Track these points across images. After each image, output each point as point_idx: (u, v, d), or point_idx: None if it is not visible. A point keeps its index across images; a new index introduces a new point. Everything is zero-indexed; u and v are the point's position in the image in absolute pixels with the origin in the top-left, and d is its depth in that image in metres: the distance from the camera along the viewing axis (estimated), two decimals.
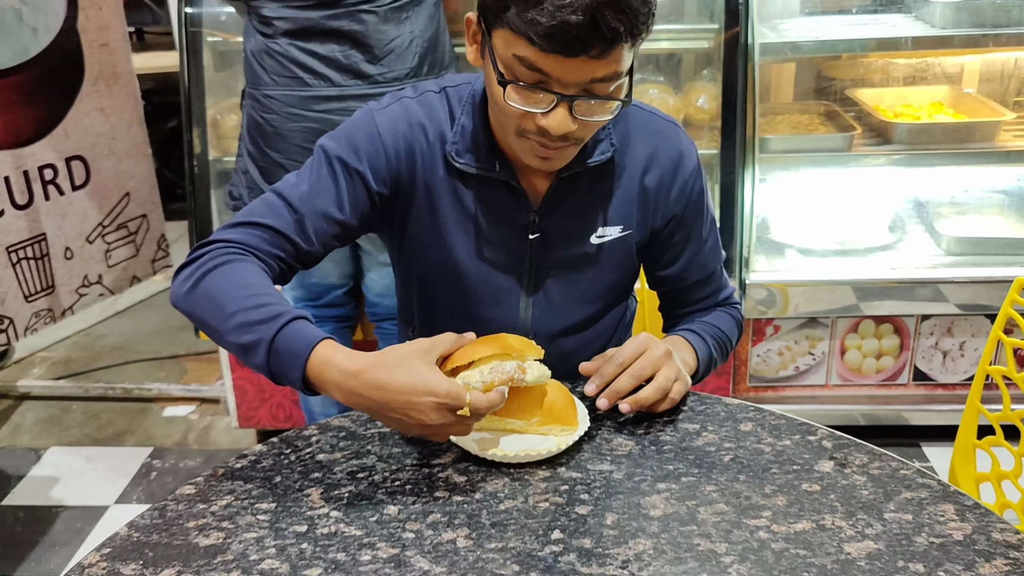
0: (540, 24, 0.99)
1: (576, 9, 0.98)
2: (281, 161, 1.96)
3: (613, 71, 1.05)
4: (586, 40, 1.00)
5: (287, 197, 1.20)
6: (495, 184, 1.25)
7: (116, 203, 3.54)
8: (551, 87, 1.06)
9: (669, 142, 1.29)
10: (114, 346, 3.40)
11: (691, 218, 1.33)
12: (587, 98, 1.07)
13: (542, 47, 1.01)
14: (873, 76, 2.76)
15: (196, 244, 1.17)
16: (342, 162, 1.21)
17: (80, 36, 3.30)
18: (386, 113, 1.24)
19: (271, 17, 1.91)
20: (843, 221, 2.55)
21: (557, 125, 1.07)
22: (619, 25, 0.99)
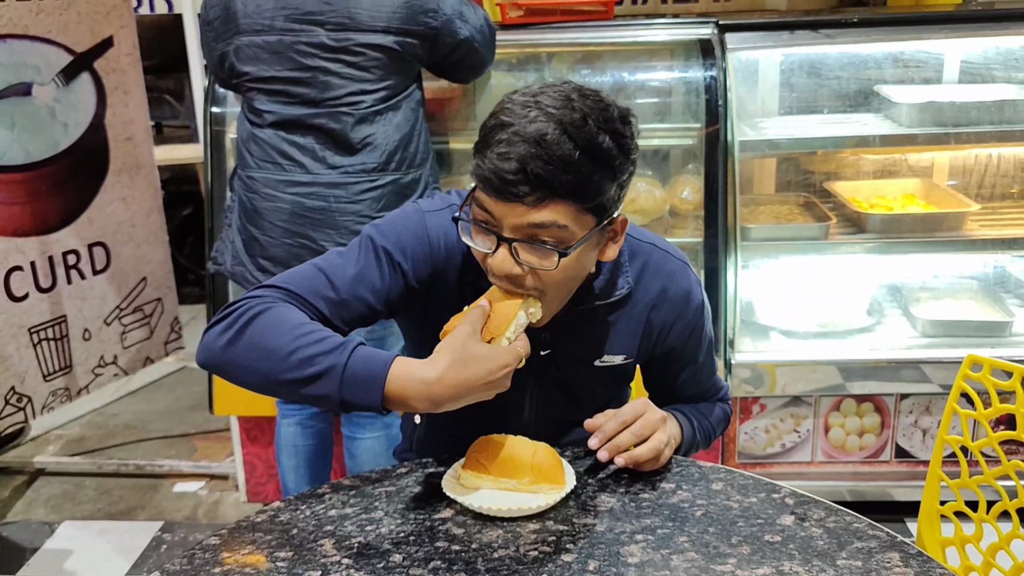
0: (482, 170, 1.13)
1: (510, 158, 1.10)
2: (257, 236, 2.14)
3: (551, 221, 1.12)
4: (518, 186, 1.10)
5: (331, 277, 1.26)
6: None
7: (133, 287, 3.70)
8: (493, 228, 1.16)
9: (679, 284, 1.40)
10: (127, 424, 3.51)
11: (690, 350, 1.46)
12: (524, 242, 1.15)
13: (484, 190, 1.14)
14: (848, 170, 2.96)
15: (225, 305, 1.21)
16: (388, 255, 1.29)
17: (107, 130, 3.52)
18: (438, 216, 1.32)
19: (261, 109, 2.12)
20: (823, 305, 2.69)
21: (498, 264, 1.17)
22: (546, 175, 1.09)
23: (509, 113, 1.13)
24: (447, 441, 1.41)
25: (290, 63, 2.07)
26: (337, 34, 2.05)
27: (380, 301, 1.29)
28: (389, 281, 1.29)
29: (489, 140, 1.13)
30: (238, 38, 2.10)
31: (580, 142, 1.10)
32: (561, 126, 1.10)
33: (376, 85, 2.10)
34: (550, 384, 1.43)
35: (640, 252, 1.38)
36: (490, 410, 1.35)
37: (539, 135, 1.09)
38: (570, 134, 1.10)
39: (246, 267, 2.18)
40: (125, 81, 3.58)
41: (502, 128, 1.12)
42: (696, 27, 2.53)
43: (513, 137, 1.10)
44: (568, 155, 1.09)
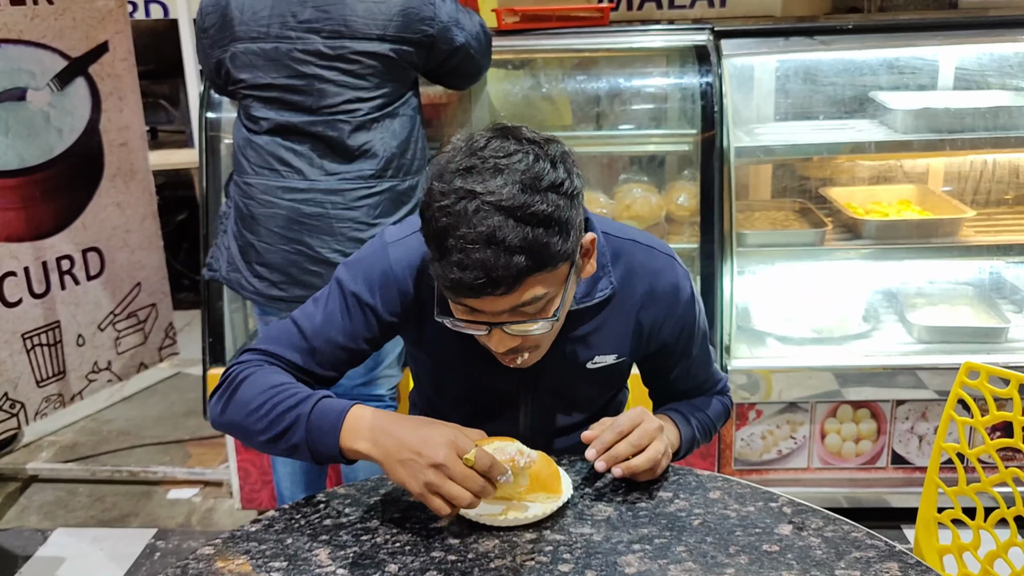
0: (448, 281, 1.12)
1: (469, 267, 1.08)
2: (254, 242, 2.13)
3: (530, 297, 1.13)
4: (485, 287, 1.09)
5: (302, 328, 1.34)
6: None
7: (128, 292, 3.69)
8: (478, 318, 1.17)
9: (666, 279, 1.39)
10: (120, 431, 3.49)
11: (683, 344, 1.45)
12: (513, 322, 1.16)
13: (455, 298, 1.15)
14: (843, 176, 2.96)
15: (224, 373, 1.32)
16: (356, 297, 1.33)
17: (102, 136, 3.51)
18: (400, 247, 1.34)
19: (258, 116, 2.11)
20: (819, 311, 2.69)
21: (498, 344, 1.20)
22: (513, 267, 1.08)
23: (450, 213, 1.09)
24: None
25: (286, 70, 2.06)
26: (333, 42, 2.04)
27: (355, 342, 1.35)
28: (359, 323, 1.34)
29: (441, 246, 1.11)
30: (234, 45, 2.10)
31: (530, 221, 1.09)
32: (507, 213, 1.08)
33: (372, 92, 2.09)
34: (543, 391, 1.43)
35: (623, 251, 1.37)
36: (487, 420, 1.39)
37: (491, 235, 1.07)
38: (519, 218, 1.08)
39: (242, 273, 2.17)
40: (120, 86, 3.57)
41: (450, 233, 1.09)
42: (691, 33, 2.53)
43: (466, 244, 1.08)
44: (523, 241, 1.08)
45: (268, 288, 2.14)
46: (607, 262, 1.35)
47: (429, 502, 1.16)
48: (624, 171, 2.78)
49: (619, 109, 2.72)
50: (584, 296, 1.34)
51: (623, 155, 2.79)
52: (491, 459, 1.16)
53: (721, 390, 1.56)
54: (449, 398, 1.48)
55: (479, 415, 1.42)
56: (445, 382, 1.47)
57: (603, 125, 2.74)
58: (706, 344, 1.50)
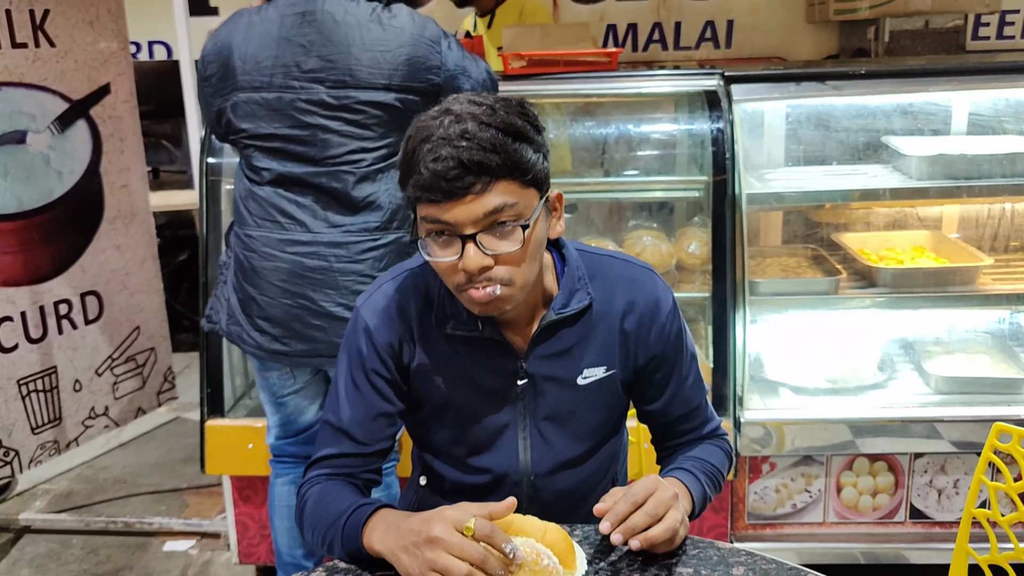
0: (422, 182, 1.18)
1: (443, 159, 1.16)
2: (255, 295, 2.07)
3: (501, 202, 1.19)
4: (462, 179, 1.16)
5: (333, 423, 1.40)
6: (482, 341, 1.37)
7: (126, 336, 3.63)
8: (455, 232, 1.21)
9: (645, 289, 1.40)
10: (116, 479, 3.42)
11: (671, 356, 1.43)
12: (487, 231, 1.21)
13: (431, 199, 1.18)
14: (855, 222, 2.91)
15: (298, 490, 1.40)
16: (362, 373, 1.39)
17: (102, 178, 3.47)
18: (370, 305, 1.40)
19: (259, 167, 2.06)
20: (834, 360, 2.63)
21: (470, 261, 1.21)
22: (482, 159, 1.16)
23: (424, 130, 1.20)
24: (449, 500, 1.38)
25: (289, 120, 2.02)
26: (337, 91, 2.00)
27: (385, 407, 1.40)
28: (377, 392, 1.39)
29: (415, 158, 1.19)
30: (236, 94, 2.06)
31: (498, 126, 1.19)
32: (476, 120, 1.19)
33: (377, 143, 2.05)
34: (539, 418, 1.40)
35: (600, 265, 1.40)
36: (487, 455, 1.41)
37: (462, 132, 1.17)
38: (487, 122, 1.19)
39: (242, 327, 2.11)
40: (121, 128, 3.54)
41: (424, 142, 1.18)
42: (701, 78, 2.49)
43: (439, 143, 1.17)
44: (493, 138, 1.17)
45: (269, 342, 2.07)
46: (583, 275, 1.38)
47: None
48: (633, 217, 2.73)
49: (627, 154, 2.68)
50: (562, 307, 1.36)
51: (631, 201, 2.74)
52: (491, 528, 1.13)
53: (718, 432, 1.51)
54: (445, 438, 1.44)
55: (476, 452, 1.41)
56: (439, 421, 1.44)
57: (611, 171, 2.70)
58: (696, 367, 1.47)
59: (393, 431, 1.43)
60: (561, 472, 1.44)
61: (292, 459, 2.26)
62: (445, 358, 1.38)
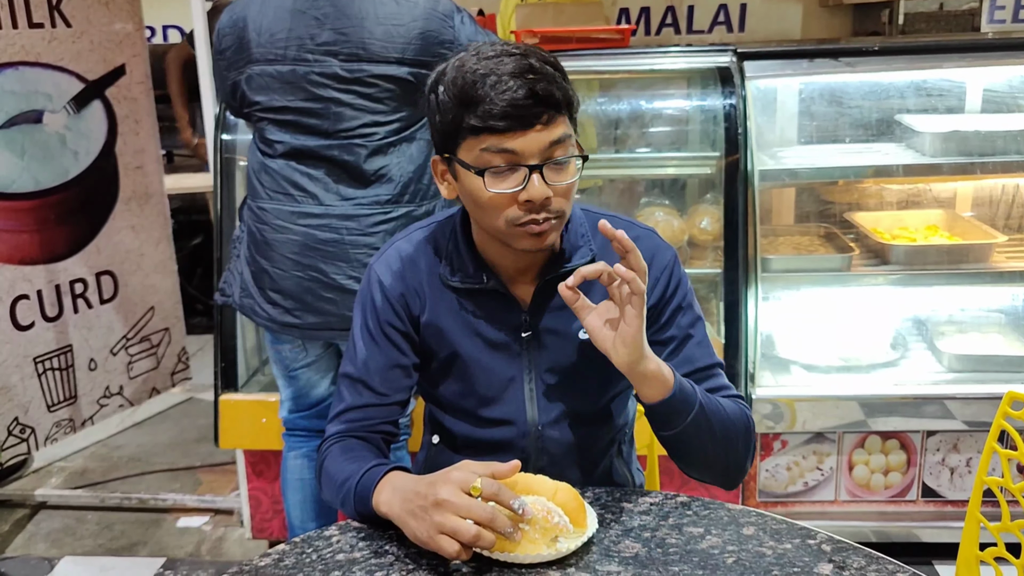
0: (495, 111, 1.21)
1: (516, 88, 1.20)
2: (267, 268, 2.09)
3: (562, 133, 1.25)
4: (534, 108, 1.21)
5: (352, 374, 1.43)
6: (488, 294, 1.40)
7: (141, 317, 3.66)
8: (520, 162, 1.24)
9: (643, 246, 1.36)
10: (131, 457, 3.45)
11: (669, 308, 1.41)
12: (552, 162, 1.25)
13: (502, 128, 1.21)
14: (868, 200, 2.90)
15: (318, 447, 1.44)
16: (376, 323, 1.42)
17: (117, 159, 3.50)
18: (383, 261, 1.45)
19: (273, 140, 2.07)
20: (846, 338, 2.63)
21: (538, 192, 1.24)
22: (554, 92, 1.22)
23: (475, 71, 1.23)
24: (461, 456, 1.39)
25: (303, 93, 2.03)
26: (350, 65, 2.01)
27: (400, 359, 1.42)
28: (391, 345, 1.42)
29: (475, 93, 1.22)
30: (250, 67, 2.07)
31: (552, 64, 1.25)
32: (537, 57, 1.24)
33: (390, 116, 2.05)
34: (542, 369, 1.42)
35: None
36: (496, 407, 1.43)
37: (528, 66, 1.22)
38: (544, 59, 1.25)
39: (255, 299, 2.12)
40: (136, 109, 3.56)
41: (484, 79, 1.22)
42: (714, 55, 2.48)
43: (504, 79, 1.21)
44: (552, 74, 1.24)
45: (281, 315, 2.09)
46: (586, 231, 1.42)
47: (439, 545, 1.11)
48: (645, 194, 2.73)
49: (640, 132, 2.68)
50: (566, 261, 1.39)
51: (644, 178, 2.74)
52: (497, 486, 1.13)
53: (735, 396, 1.42)
54: (455, 391, 1.46)
55: (485, 404, 1.43)
56: (448, 374, 1.46)
57: (623, 148, 2.70)
58: (703, 329, 1.44)
59: (409, 383, 1.45)
60: (565, 423, 1.44)
61: (305, 433, 2.28)
62: (453, 311, 1.41)
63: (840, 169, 2.49)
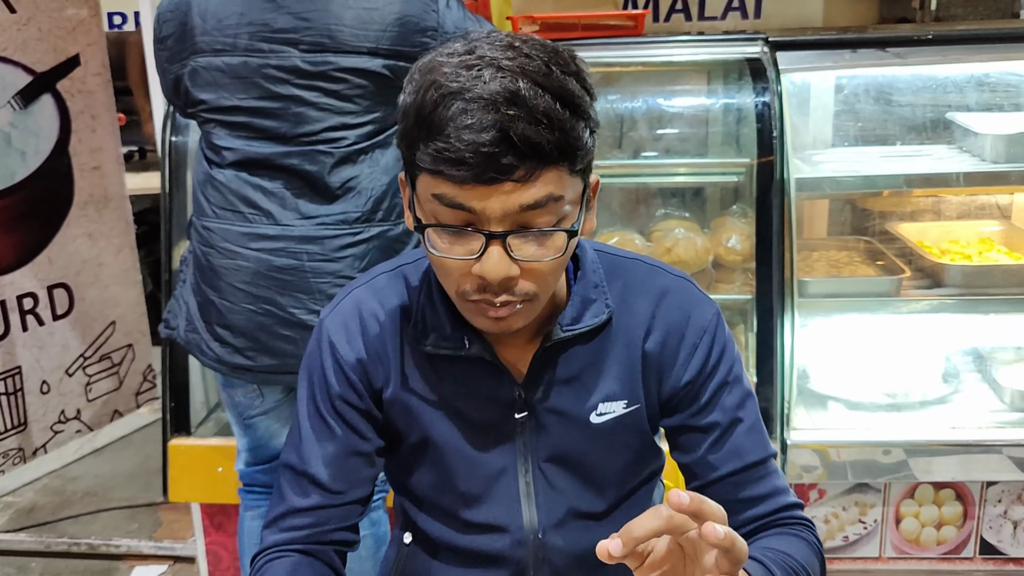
0: (448, 151, 0.85)
1: (483, 128, 0.84)
2: (214, 299, 1.75)
3: (547, 194, 0.88)
4: (502, 160, 0.85)
5: (298, 467, 1.10)
6: (471, 362, 1.07)
7: (100, 333, 3.33)
8: (478, 225, 0.89)
9: (674, 301, 1.08)
10: (86, 491, 3.12)
11: (711, 385, 1.07)
12: (522, 232, 0.90)
13: (456, 178, 0.86)
14: (913, 210, 2.56)
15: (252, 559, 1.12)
16: (327, 399, 1.09)
17: (71, 159, 3.16)
18: (336, 317, 1.11)
19: (220, 146, 1.73)
20: (893, 371, 2.29)
21: (493, 269, 0.90)
22: (538, 138, 0.85)
23: (449, 78, 0.87)
24: (441, 562, 1.15)
25: (256, 90, 1.69)
26: (314, 56, 1.67)
27: (359, 444, 1.10)
28: (348, 425, 1.10)
29: (437, 117, 0.86)
30: (194, 59, 1.73)
31: (555, 92, 0.87)
32: (529, 78, 0.86)
33: (361, 118, 1.71)
34: (542, 459, 1.10)
35: (620, 268, 1.11)
36: (482, 507, 1.11)
37: (510, 93, 0.85)
38: (543, 85, 0.86)
39: (200, 335, 1.79)
40: (93, 104, 3.21)
41: (452, 97, 0.86)
42: (741, 45, 2.14)
43: (474, 104, 0.85)
44: (549, 108, 0.86)
45: (231, 355, 1.75)
46: (601, 281, 1.08)
47: None
48: (661, 206, 2.38)
49: (654, 133, 2.34)
50: (573, 321, 1.06)
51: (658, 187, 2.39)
52: None
53: (797, 516, 1.09)
54: (429, 484, 1.14)
55: (468, 504, 1.11)
56: (421, 463, 1.13)
57: (634, 152, 2.36)
58: (754, 409, 1.10)
59: (371, 474, 1.12)
60: (574, 526, 1.12)
61: (264, 489, 1.95)
62: (426, 383, 1.09)
63: (888, 177, 2.14)
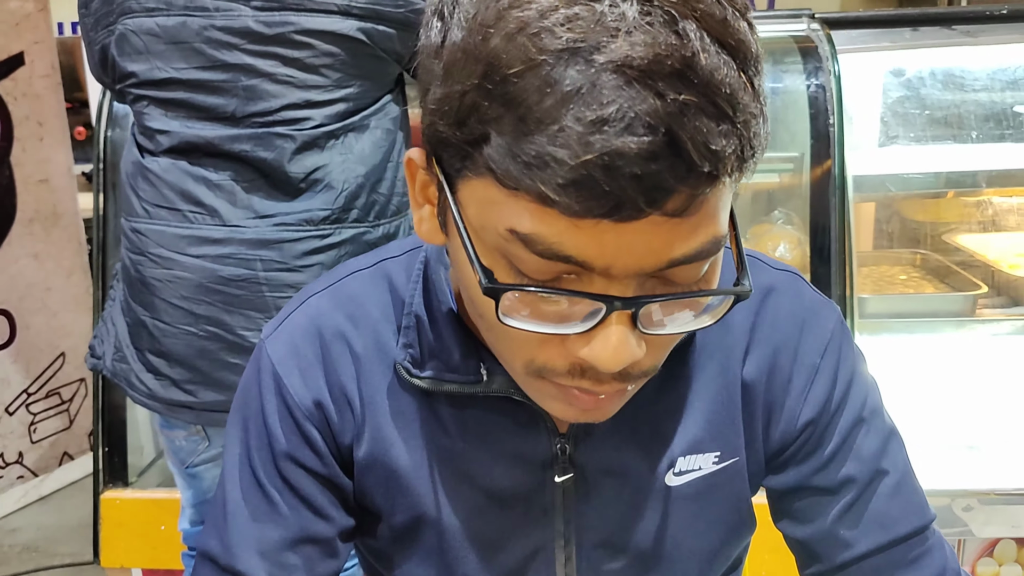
0: (560, 162, 0.46)
1: (637, 120, 0.45)
2: (146, 320, 1.40)
3: (711, 239, 0.52)
4: (662, 180, 0.47)
5: (221, 560, 0.73)
6: (490, 403, 0.71)
7: (47, 366, 2.97)
8: (592, 285, 0.52)
9: (781, 306, 0.74)
10: (26, 545, 2.74)
11: (839, 425, 0.74)
12: (669, 297, 0.53)
13: (570, 209, 0.48)
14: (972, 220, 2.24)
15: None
16: (268, 460, 0.73)
17: (13, 170, 2.82)
18: (283, 337, 0.74)
19: (154, 129, 1.39)
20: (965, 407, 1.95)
21: (612, 357, 0.53)
22: (724, 141, 0.47)
23: (553, 18, 0.46)
24: None
25: (197, 58, 1.36)
26: (270, 16, 1.34)
27: (325, 525, 0.74)
28: (305, 497, 0.73)
29: (534, 95, 0.47)
30: (122, 22, 1.40)
31: (736, 52, 0.48)
32: (699, 22, 0.47)
33: (329, 95, 1.38)
34: (593, 542, 0.75)
35: None
36: None
37: (678, 57, 0.46)
38: (720, 39, 0.48)
39: (130, 365, 1.44)
40: (40, 109, 2.88)
41: (565, 60, 0.46)
42: (784, 22, 1.84)
43: (611, 77, 0.46)
44: (736, 85, 0.47)
45: (166, 389, 1.40)
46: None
47: None
48: None
49: None
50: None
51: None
52: None
53: None
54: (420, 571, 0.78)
55: None
56: (412, 550, 0.77)
57: None
58: (899, 451, 0.76)
59: (330, 569, 0.75)
60: None
61: None
62: (421, 435, 0.73)
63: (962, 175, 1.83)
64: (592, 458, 0.72)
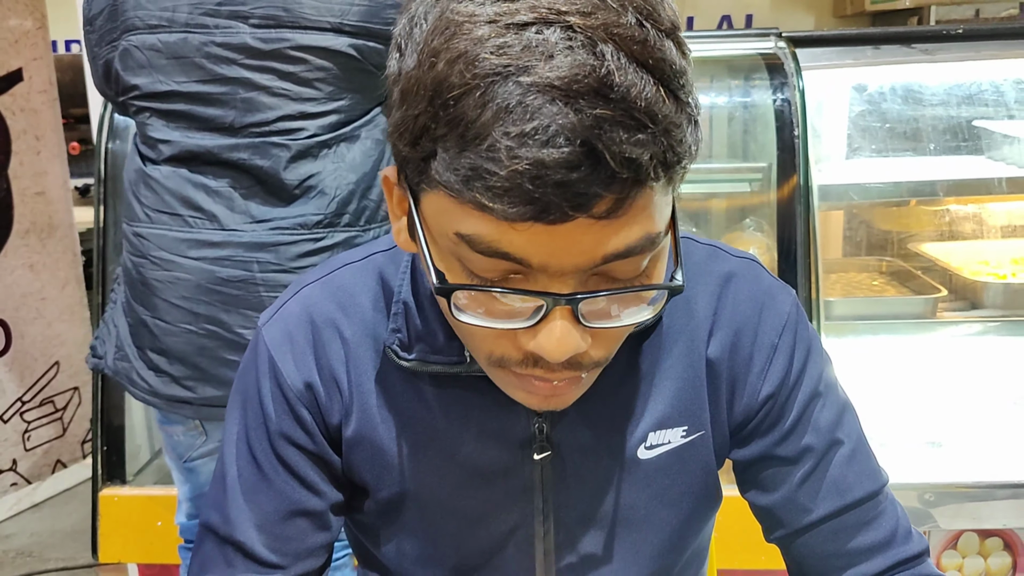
0: (493, 174, 0.53)
1: (557, 133, 0.51)
2: (147, 320, 1.48)
3: (642, 236, 0.57)
4: (582, 189, 0.53)
5: (222, 531, 0.81)
6: (472, 383, 0.77)
7: (42, 374, 3.02)
8: (535, 283, 0.59)
9: (741, 290, 0.81)
10: (20, 551, 2.79)
11: (797, 400, 0.81)
12: (602, 293, 0.59)
13: (504, 214, 0.54)
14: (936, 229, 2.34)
15: None
16: (264, 438, 0.80)
17: (11, 182, 2.88)
18: (278, 324, 0.81)
19: (156, 139, 1.47)
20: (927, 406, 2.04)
21: (557, 347, 0.59)
22: (638, 151, 0.53)
23: (489, 45, 0.53)
24: None
25: (197, 72, 1.44)
26: (267, 32, 1.43)
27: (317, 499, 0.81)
28: (299, 473, 0.81)
29: (471, 114, 0.53)
30: (126, 38, 1.48)
31: (654, 68, 0.53)
32: (618, 44, 0.53)
33: (322, 107, 1.47)
34: (569, 514, 0.81)
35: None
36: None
37: (595, 77, 0.52)
38: (637, 57, 0.53)
39: (131, 363, 1.51)
40: (38, 124, 2.95)
41: (496, 81, 0.52)
42: (753, 40, 1.94)
43: (536, 96, 0.52)
44: (652, 99, 0.53)
45: (167, 385, 1.48)
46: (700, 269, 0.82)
47: None
48: None
49: None
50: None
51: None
52: None
53: (918, 557, 0.83)
54: (409, 554, 0.85)
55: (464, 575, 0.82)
56: (398, 525, 0.84)
57: None
58: (853, 424, 0.84)
59: (323, 540, 0.83)
60: None
61: None
62: (406, 414, 0.79)
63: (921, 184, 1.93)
64: (567, 436, 0.79)
